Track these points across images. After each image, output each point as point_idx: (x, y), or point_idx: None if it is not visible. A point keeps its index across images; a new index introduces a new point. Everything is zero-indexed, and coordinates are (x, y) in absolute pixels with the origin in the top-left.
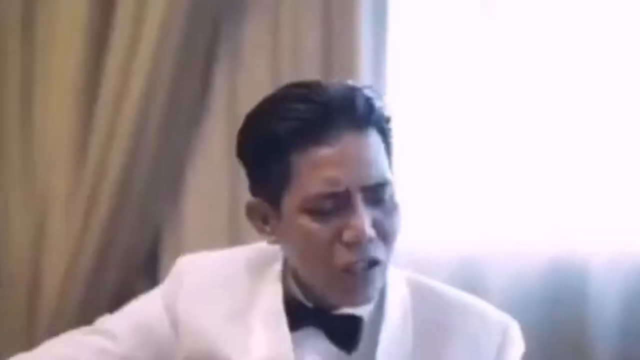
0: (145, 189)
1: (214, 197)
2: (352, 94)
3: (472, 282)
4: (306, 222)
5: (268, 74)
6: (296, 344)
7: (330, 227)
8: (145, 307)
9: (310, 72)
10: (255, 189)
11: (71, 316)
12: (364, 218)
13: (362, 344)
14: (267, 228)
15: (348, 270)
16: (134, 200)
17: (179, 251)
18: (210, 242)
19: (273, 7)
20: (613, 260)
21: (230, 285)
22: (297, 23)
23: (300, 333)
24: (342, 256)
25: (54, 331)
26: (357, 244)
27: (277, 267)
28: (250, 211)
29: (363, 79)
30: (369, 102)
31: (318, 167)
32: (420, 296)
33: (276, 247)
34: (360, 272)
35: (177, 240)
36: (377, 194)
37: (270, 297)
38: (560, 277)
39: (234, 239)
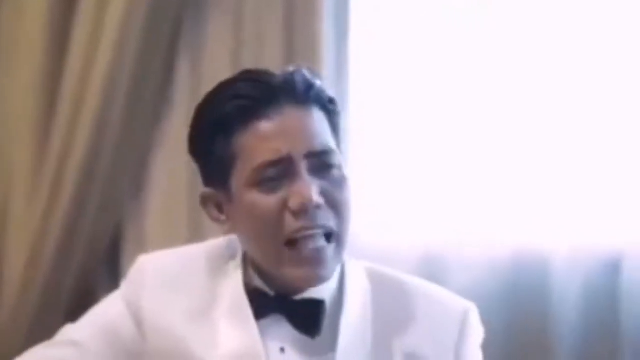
0: (108, 181)
1: (175, 190)
2: (291, 73)
3: (434, 278)
4: (253, 195)
5: (230, 67)
6: (261, 333)
7: (276, 197)
8: (108, 310)
9: (272, 65)
10: (207, 179)
11: (32, 312)
12: (309, 184)
13: (325, 331)
14: (222, 216)
15: (297, 240)
16: (96, 192)
17: (141, 243)
18: (171, 235)
19: (235, 1)
20: (574, 255)
21: (191, 283)
22: (259, 16)
23: (263, 322)
24: (290, 224)
25: (17, 317)
26: (304, 211)
27: (237, 260)
28: (205, 201)
29: (325, 70)
30: (307, 81)
31: (260, 140)
32: (380, 284)
33: (234, 242)
34: (311, 242)
35: (139, 231)
36: (322, 162)
37: (232, 291)
38: (521, 272)
39: (195, 232)
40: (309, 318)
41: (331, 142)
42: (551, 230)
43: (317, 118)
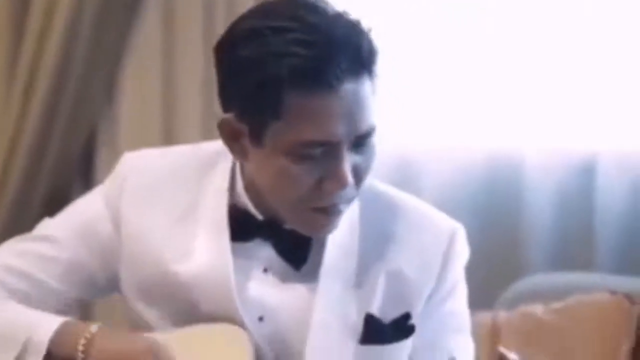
0: (80, 87)
1: (149, 95)
2: (356, 35)
3: (408, 181)
4: (289, 164)
5: None
6: (243, 254)
7: (312, 174)
8: (87, 207)
9: None
10: (232, 106)
11: (5, 216)
12: (348, 169)
13: (312, 255)
14: (237, 147)
15: (319, 209)
16: (68, 98)
17: (114, 148)
18: (145, 141)
19: None
20: (548, 157)
21: (174, 186)
22: None
23: (248, 244)
24: (319, 201)
25: None
26: (337, 193)
27: (224, 170)
28: (223, 126)
29: None
30: (372, 47)
31: (313, 115)
32: (369, 201)
33: (222, 148)
34: (332, 210)
35: (112, 137)
36: (363, 140)
37: (215, 205)
38: (495, 175)
39: (168, 138)
40: (296, 249)
41: (374, 117)
42: (525, 133)
43: (368, 88)
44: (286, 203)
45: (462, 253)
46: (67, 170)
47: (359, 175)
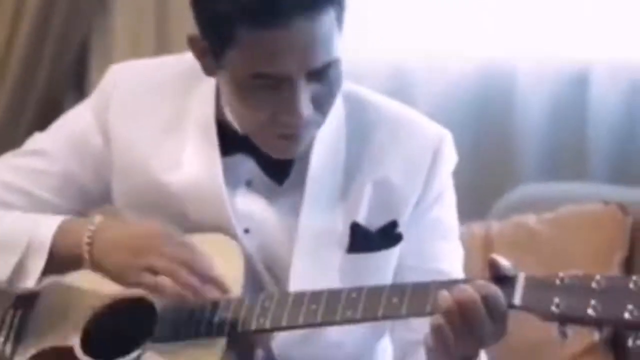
0: None
1: (142, 8)
2: None
3: (402, 91)
4: (245, 93)
5: None
6: (227, 167)
7: (267, 105)
8: (76, 120)
9: None
10: (200, 30)
11: None
12: (302, 102)
13: (295, 164)
14: (204, 63)
15: (281, 136)
16: (60, 10)
17: (108, 57)
18: (138, 49)
19: None
20: (541, 67)
21: (162, 97)
22: None
23: (231, 159)
24: (278, 130)
25: None
26: (293, 125)
27: (210, 81)
28: (191, 43)
29: None
30: None
31: (265, 49)
32: (355, 109)
33: None
34: (293, 139)
35: (105, 51)
36: (322, 72)
37: (203, 116)
38: (488, 85)
39: (162, 51)
40: (278, 164)
41: (335, 51)
42: (518, 43)
43: (327, 22)
44: (247, 128)
45: (450, 159)
46: (61, 81)
47: (320, 103)
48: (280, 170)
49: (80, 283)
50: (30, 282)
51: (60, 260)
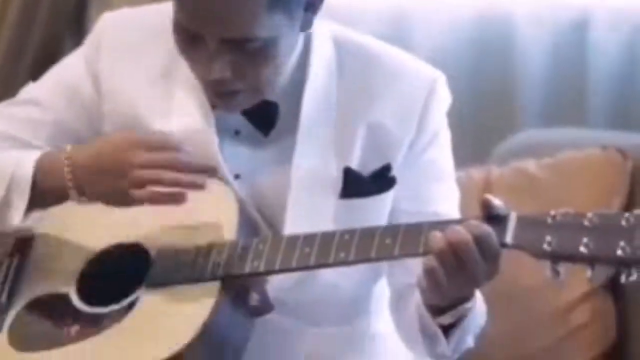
0: None
1: None
2: None
3: (399, 38)
4: (178, 42)
5: None
6: (217, 118)
7: (192, 58)
8: (68, 69)
9: None
10: None
11: None
12: (213, 64)
13: (286, 108)
14: None
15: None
16: None
17: (106, 7)
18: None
19: None
20: (540, 13)
21: (153, 45)
22: None
23: (218, 110)
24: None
25: None
26: (212, 84)
27: None
28: None
29: None
30: None
31: (186, 3)
32: (347, 52)
33: None
34: (223, 98)
35: None
36: (239, 45)
37: None
38: (487, 31)
39: None
40: (262, 116)
41: (260, 29)
42: None
43: (254, 2)
44: (197, 78)
45: (443, 100)
46: (59, 28)
47: (241, 73)
48: (266, 120)
49: (75, 228)
50: (15, 218)
51: (45, 193)
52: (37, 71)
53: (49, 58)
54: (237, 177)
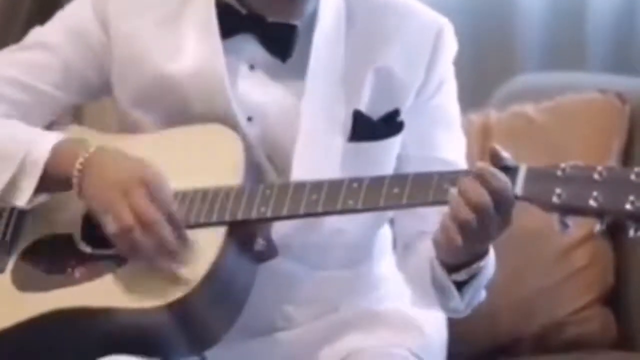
0: None
1: None
2: None
3: None
4: None
5: None
6: (229, 51)
7: None
8: (76, 13)
9: None
10: None
11: None
12: None
13: (296, 52)
14: None
15: None
16: None
17: None
18: None
19: None
20: None
21: None
22: None
23: (233, 40)
24: None
25: None
26: None
27: None
28: None
29: None
30: None
31: None
32: (356, 0)
33: None
34: None
35: None
36: None
37: (203, 3)
38: None
39: None
40: (281, 40)
41: None
42: None
43: None
44: None
45: (451, 47)
46: None
47: None
48: (283, 47)
49: None
50: (21, 201)
51: (51, 181)
52: (36, 18)
53: (49, 3)
54: (249, 119)
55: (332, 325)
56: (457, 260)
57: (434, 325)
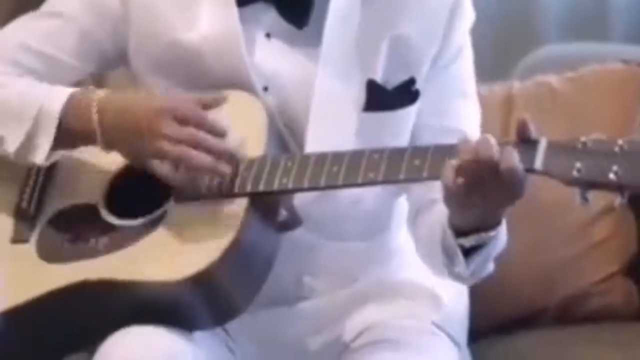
0: None
1: None
2: None
3: None
4: None
5: None
6: (245, 19)
7: None
8: None
9: None
10: None
11: None
12: None
13: (312, 20)
14: None
15: None
16: None
17: None
18: None
19: None
20: None
21: None
22: None
23: (249, 8)
24: None
25: None
26: None
27: None
28: None
29: None
30: None
31: None
32: None
33: None
34: None
35: None
36: None
37: None
38: None
39: None
40: (297, 7)
41: None
42: None
43: None
44: None
45: (468, 16)
46: None
47: None
48: (299, 14)
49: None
50: (39, 157)
51: (71, 133)
52: None
53: None
54: (265, 89)
55: (353, 295)
56: (467, 223)
57: (454, 295)
